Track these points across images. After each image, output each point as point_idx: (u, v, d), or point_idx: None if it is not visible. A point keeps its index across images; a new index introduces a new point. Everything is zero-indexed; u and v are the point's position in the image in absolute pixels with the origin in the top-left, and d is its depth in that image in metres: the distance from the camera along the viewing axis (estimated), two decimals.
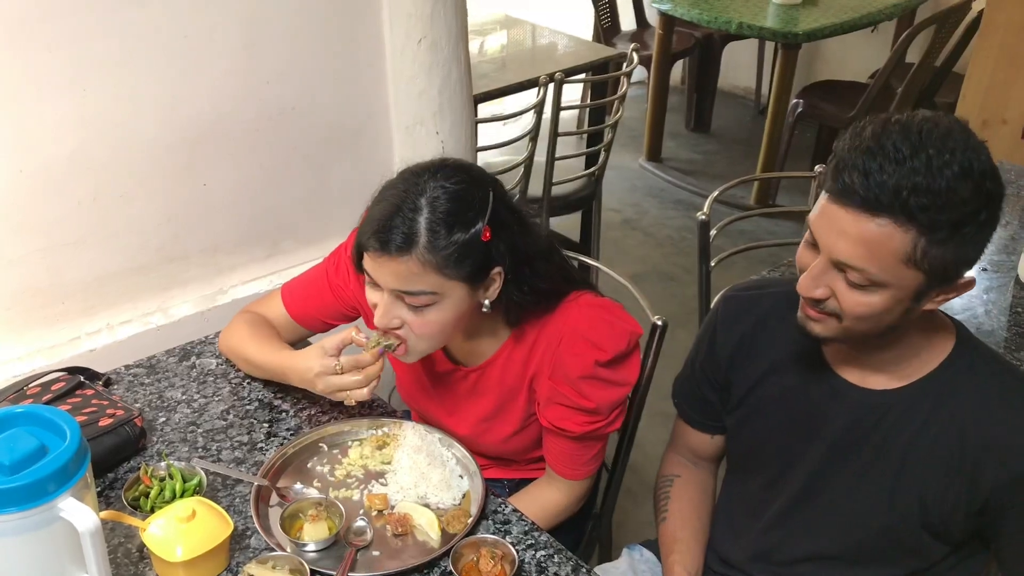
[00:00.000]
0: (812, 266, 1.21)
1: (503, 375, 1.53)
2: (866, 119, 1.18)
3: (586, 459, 1.55)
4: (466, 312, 1.40)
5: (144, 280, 1.90)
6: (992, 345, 1.79)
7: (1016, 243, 2.14)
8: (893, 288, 1.17)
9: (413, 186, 1.33)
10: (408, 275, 1.32)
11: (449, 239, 1.31)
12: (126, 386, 1.66)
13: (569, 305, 1.48)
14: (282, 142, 1.96)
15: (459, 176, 1.36)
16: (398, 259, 1.31)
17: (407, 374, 1.65)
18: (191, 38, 1.76)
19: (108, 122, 1.72)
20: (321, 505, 1.38)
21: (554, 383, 1.47)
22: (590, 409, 1.47)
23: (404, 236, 1.30)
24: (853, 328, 1.23)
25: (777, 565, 1.47)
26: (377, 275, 1.35)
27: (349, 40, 1.97)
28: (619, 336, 1.46)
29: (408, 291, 1.34)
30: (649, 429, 2.13)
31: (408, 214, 1.31)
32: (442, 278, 1.33)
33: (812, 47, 5.02)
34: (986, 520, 1.28)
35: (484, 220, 1.34)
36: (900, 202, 1.10)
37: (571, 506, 1.60)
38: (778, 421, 1.43)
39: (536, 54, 3.76)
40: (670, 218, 4.42)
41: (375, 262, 1.34)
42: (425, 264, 1.31)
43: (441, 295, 1.35)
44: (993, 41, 3.14)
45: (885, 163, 1.11)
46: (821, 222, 1.19)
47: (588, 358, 1.44)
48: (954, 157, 1.10)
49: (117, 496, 1.40)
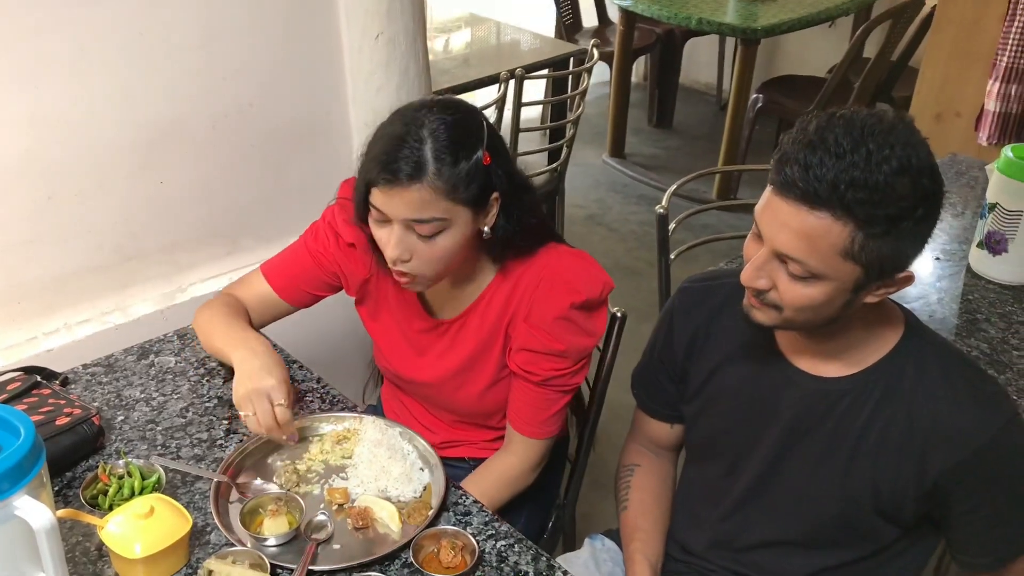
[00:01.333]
0: (755, 257, 1.24)
1: (482, 321, 1.56)
2: (814, 113, 1.20)
3: (547, 415, 1.58)
4: (469, 240, 1.44)
5: (102, 279, 1.89)
6: (944, 332, 1.83)
7: (968, 233, 2.18)
8: (832, 281, 1.19)
9: (413, 120, 1.38)
10: (420, 203, 1.36)
11: (456, 165, 1.36)
12: (84, 385, 1.65)
13: (548, 251, 1.54)
14: (240, 139, 1.96)
15: (454, 108, 1.42)
16: (409, 188, 1.35)
17: (384, 336, 1.67)
18: (146, 35, 1.75)
19: (62, 121, 1.70)
20: (281, 500, 1.38)
21: (529, 326, 1.51)
22: (560, 351, 1.51)
23: (414, 165, 1.34)
24: (794, 319, 1.25)
25: (736, 551, 1.49)
26: (388, 208, 1.38)
27: (306, 37, 1.97)
28: (595, 282, 1.52)
29: (419, 219, 1.37)
30: (612, 422, 2.16)
31: (414, 144, 1.35)
32: (451, 203, 1.37)
33: (771, 42, 5.08)
34: (935, 503, 1.31)
35: (483, 146, 1.40)
36: (838, 196, 1.12)
37: (526, 472, 1.62)
38: (734, 410, 1.45)
39: (498, 51, 3.77)
40: (633, 213, 4.45)
41: (386, 195, 1.37)
42: (436, 190, 1.35)
43: (450, 221, 1.39)
44: (946, 36, 3.19)
45: (825, 157, 1.13)
46: (765, 214, 1.21)
47: (564, 300, 1.49)
48: (893, 152, 1.12)
49: (75, 495, 1.39)
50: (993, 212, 1.96)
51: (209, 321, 1.63)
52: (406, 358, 1.66)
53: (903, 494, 1.31)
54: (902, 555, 1.41)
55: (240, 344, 1.53)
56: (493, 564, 1.33)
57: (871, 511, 1.34)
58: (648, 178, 4.73)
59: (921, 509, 1.32)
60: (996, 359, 1.76)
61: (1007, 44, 2.96)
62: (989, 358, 1.76)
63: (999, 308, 1.92)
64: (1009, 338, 1.82)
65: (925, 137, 1.17)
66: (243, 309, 1.65)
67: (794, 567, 1.44)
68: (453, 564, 1.31)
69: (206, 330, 1.64)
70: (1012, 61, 2.96)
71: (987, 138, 3.08)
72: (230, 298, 1.66)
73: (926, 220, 1.16)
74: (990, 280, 2.01)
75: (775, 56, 5.38)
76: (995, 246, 1.98)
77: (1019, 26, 2.92)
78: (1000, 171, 1.93)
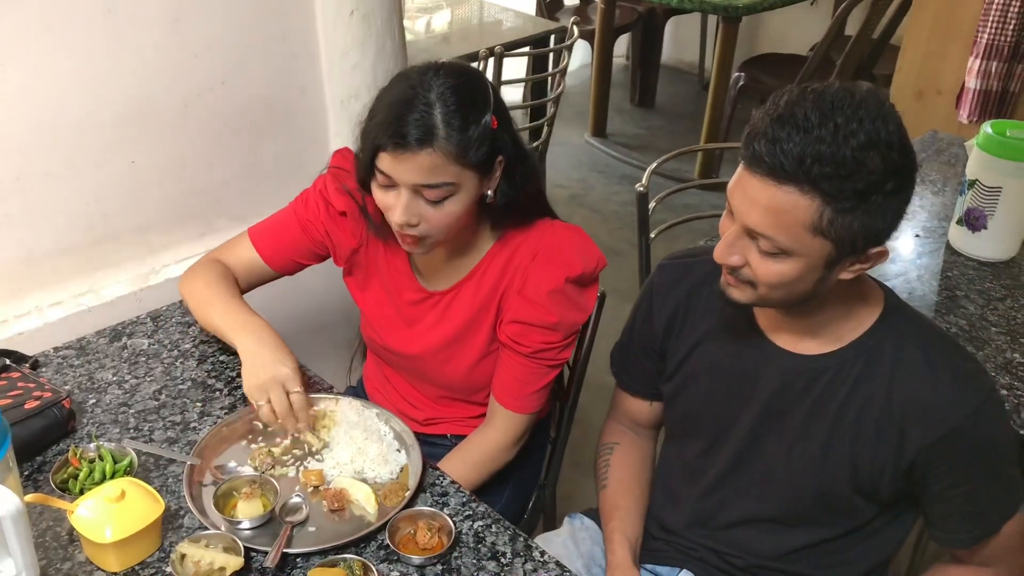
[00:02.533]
0: (727, 233, 1.23)
1: (476, 293, 1.56)
2: (787, 88, 1.19)
3: (531, 390, 1.57)
4: (473, 204, 1.44)
5: (74, 261, 1.85)
6: (923, 309, 1.83)
7: (948, 210, 2.18)
8: (802, 256, 1.18)
9: (419, 84, 1.36)
10: (431, 168, 1.35)
11: (466, 130, 1.35)
12: (55, 368, 1.62)
13: (544, 224, 1.54)
14: (212, 118, 1.92)
15: (459, 72, 1.40)
16: (420, 152, 1.33)
17: (373, 307, 1.66)
18: (114, 12, 1.71)
19: (28, 100, 1.66)
20: (255, 483, 1.36)
21: (522, 298, 1.51)
22: (552, 324, 1.51)
23: (424, 129, 1.33)
24: (768, 296, 1.25)
25: (715, 529, 1.49)
26: (397, 172, 1.36)
27: (279, 12, 1.93)
28: (590, 256, 1.53)
29: (429, 184, 1.36)
30: (594, 401, 2.15)
31: (423, 108, 1.33)
32: (460, 168, 1.36)
33: (753, 20, 5.05)
34: (913, 480, 1.31)
35: (491, 110, 1.39)
36: (804, 170, 1.11)
37: (506, 446, 1.61)
38: (713, 387, 1.44)
39: (478, 29, 3.74)
40: (616, 193, 4.43)
41: (395, 159, 1.35)
42: (446, 155, 1.34)
43: (458, 185, 1.38)
44: (927, 13, 3.18)
45: (792, 132, 1.12)
46: (735, 190, 1.20)
47: (560, 273, 1.49)
48: (861, 127, 1.11)
49: (45, 479, 1.37)
50: (972, 189, 1.95)
51: (204, 293, 1.59)
52: (395, 329, 1.65)
53: (881, 471, 1.30)
54: (880, 532, 1.41)
55: (245, 330, 1.50)
56: (470, 545, 1.32)
57: (849, 489, 1.34)
58: (630, 158, 4.71)
59: (899, 486, 1.32)
60: (975, 335, 1.76)
61: (988, 21, 2.95)
62: (968, 334, 1.76)
63: (978, 285, 1.92)
64: (988, 315, 1.82)
65: (903, 113, 1.16)
66: (233, 278, 1.63)
67: (773, 544, 1.44)
68: (430, 545, 1.30)
69: (201, 301, 1.59)
70: (992, 38, 2.95)
71: (968, 115, 3.08)
72: (219, 265, 1.63)
73: (897, 194, 1.15)
74: (969, 257, 2.01)
75: (757, 34, 5.36)
76: (974, 223, 1.97)
77: (999, 3, 2.91)
78: (979, 147, 1.93)
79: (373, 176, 1.41)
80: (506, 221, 1.53)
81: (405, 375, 1.73)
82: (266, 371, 1.43)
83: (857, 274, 1.23)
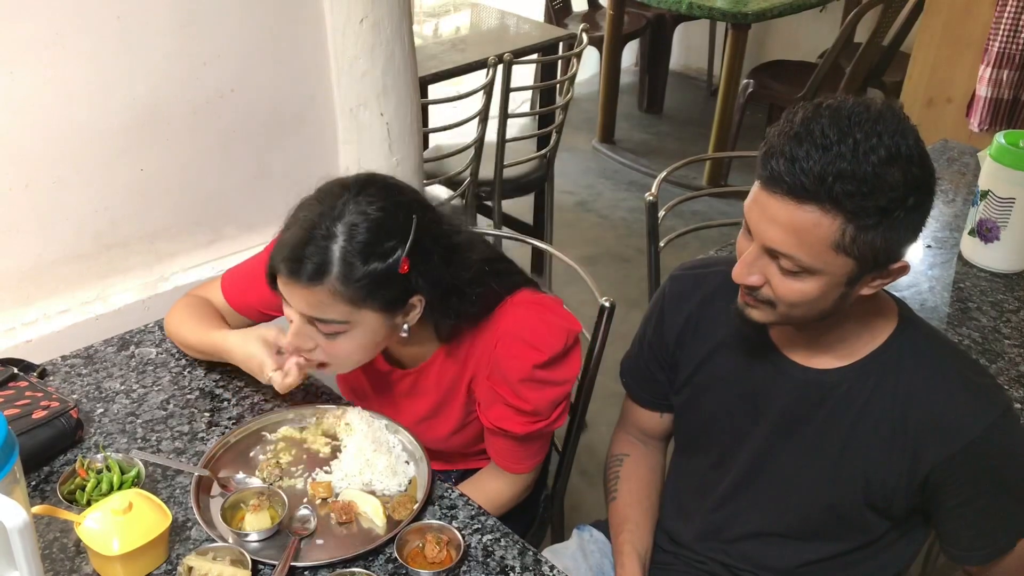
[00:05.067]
0: (746, 253, 1.22)
1: (439, 379, 1.52)
2: (800, 104, 1.18)
3: (530, 453, 1.55)
4: (384, 337, 1.38)
5: (82, 268, 1.85)
6: (935, 321, 1.82)
7: (959, 220, 2.16)
8: (825, 275, 1.17)
9: (330, 209, 1.29)
10: (318, 304, 1.30)
11: (364, 269, 1.27)
12: (63, 377, 1.62)
13: (505, 306, 1.45)
14: (222, 125, 1.92)
15: (381, 200, 1.30)
16: (309, 288, 1.28)
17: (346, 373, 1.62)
18: (124, 18, 1.71)
19: (37, 106, 1.66)
20: (263, 494, 1.35)
21: (492, 384, 1.45)
22: (529, 411, 1.46)
23: (315, 266, 1.26)
24: (789, 314, 1.23)
25: (725, 543, 1.48)
26: (289, 298, 1.33)
27: (289, 20, 1.93)
28: (556, 335, 1.43)
29: (319, 319, 1.32)
30: (602, 410, 2.14)
31: (321, 242, 1.26)
32: (353, 308, 1.30)
33: (762, 27, 5.04)
34: (927, 496, 1.29)
35: (404, 250, 1.29)
36: (825, 188, 1.10)
37: (517, 496, 1.59)
38: (725, 400, 1.43)
39: (487, 36, 3.73)
40: (623, 200, 4.42)
41: (286, 287, 1.32)
42: (335, 295, 1.28)
43: (352, 324, 1.32)
44: (937, 20, 3.17)
45: (811, 149, 1.10)
46: (753, 209, 1.19)
47: (526, 360, 1.41)
48: (881, 142, 1.09)
49: (52, 490, 1.36)
50: (985, 199, 1.94)
51: (186, 320, 1.60)
52: (369, 397, 1.62)
53: (894, 487, 1.29)
54: (891, 547, 1.40)
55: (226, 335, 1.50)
56: (479, 559, 1.31)
57: (861, 504, 1.33)
58: (638, 164, 4.70)
59: (912, 502, 1.31)
60: (987, 348, 1.75)
61: (999, 29, 2.94)
62: (980, 347, 1.75)
63: (990, 296, 1.91)
64: (1000, 327, 1.81)
65: (915, 124, 1.15)
66: (211, 306, 1.62)
67: (783, 559, 1.43)
68: (438, 559, 1.29)
69: (186, 330, 1.60)
70: (1004, 46, 2.94)
71: (978, 124, 3.06)
72: (197, 299, 1.63)
73: (918, 209, 1.14)
74: (982, 268, 2.00)
75: (766, 41, 5.34)
76: (987, 234, 1.96)
77: (1011, 11, 2.89)
78: (993, 158, 1.91)
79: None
80: (448, 333, 1.45)
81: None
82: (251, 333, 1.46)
83: (877, 289, 1.22)
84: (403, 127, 2.13)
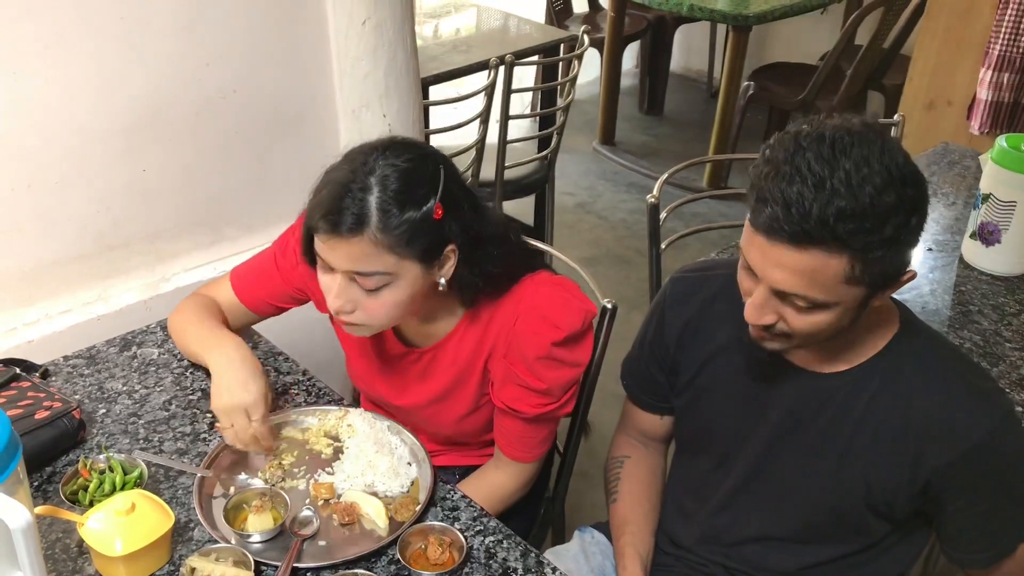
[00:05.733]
0: (755, 295, 1.20)
1: (456, 355, 1.51)
2: (775, 136, 1.15)
3: (537, 441, 1.55)
4: (421, 291, 1.38)
5: (83, 268, 1.85)
6: (936, 324, 1.82)
7: (960, 223, 2.17)
8: (839, 305, 1.16)
9: (361, 165, 1.30)
10: (362, 256, 1.30)
11: (401, 217, 1.28)
12: (65, 377, 1.62)
13: (525, 283, 1.47)
14: (224, 126, 1.92)
15: (409, 153, 1.33)
16: (350, 240, 1.28)
17: (358, 356, 1.63)
18: (127, 19, 1.71)
19: (40, 107, 1.66)
20: (265, 495, 1.35)
21: (509, 363, 1.46)
22: (542, 390, 1.46)
23: (355, 216, 1.27)
24: (807, 342, 1.24)
25: (726, 546, 1.48)
26: (329, 257, 1.32)
27: (291, 21, 1.93)
28: (575, 314, 1.45)
29: (362, 272, 1.31)
30: (603, 411, 2.14)
31: (358, 194, 1.28)
32: (396, 257, 1.30)
33: (763, 29, 5.05)
34: (928, 499, 1.29)
35: (436, 197, 1.31)
36: (828, 231, 1.08)
37: (519, 489, 1.59)
38: (725, 403, 1.43)
39: (488, 37, 3.73)
40: (623, 201, 4.42)
41: (326, 244, 1.31)
42: (378, 244, 1.28)
43: (395, 275, 1.32)
44: (938, 23, 3.17)
45: (803, 189, 1.07)
46: (754, 253, 1.17)
47: (544, 337, 1.43)
48: (872, 168, 1.08)
49: (55, 490, 1.37)
50: (987, 203, 1.94)
51: (182, 323, 1.60)
52: (379, 381, 1.62)
53: (896, 491, 1.29)
54: (892, 550, 1.40)
55: (215, 347, 1.48)
56: (481, 560, 1.31)
57: (863, 507, 1.33)
58: (638, 166, 4.70)
59: (914, 505, 1.31)
60: (989, 351, 1.75)
61: (1000, 32, 2.94)
62: (982, 350, 1.75)
63: (992, 300, 1.91)
64: (1002, 330, 1.81)
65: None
66: (217, 308, 1.61)
67: (784, 562, 1.43)
68: (441, 561, 1.29)
69: (180, 331, 1.61)
70: (1005, 49, 2.94)
71: (979, 127, 3.07)
72: (203, 298, 1.63)
73: (920, 225, 1.14)
74: (983, 271, 2.00)
75: (766, 43, 5.35)
76: (988, 237, 1.96)
77: (1012, 14, 2.90)
78: (994, 161, 1.92)
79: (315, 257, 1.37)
80: (474, 299, 1.46)
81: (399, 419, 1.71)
82: (230, 396, 1.41)
83: (886, 299, 1.22)
84: (405, 128, 2.13)
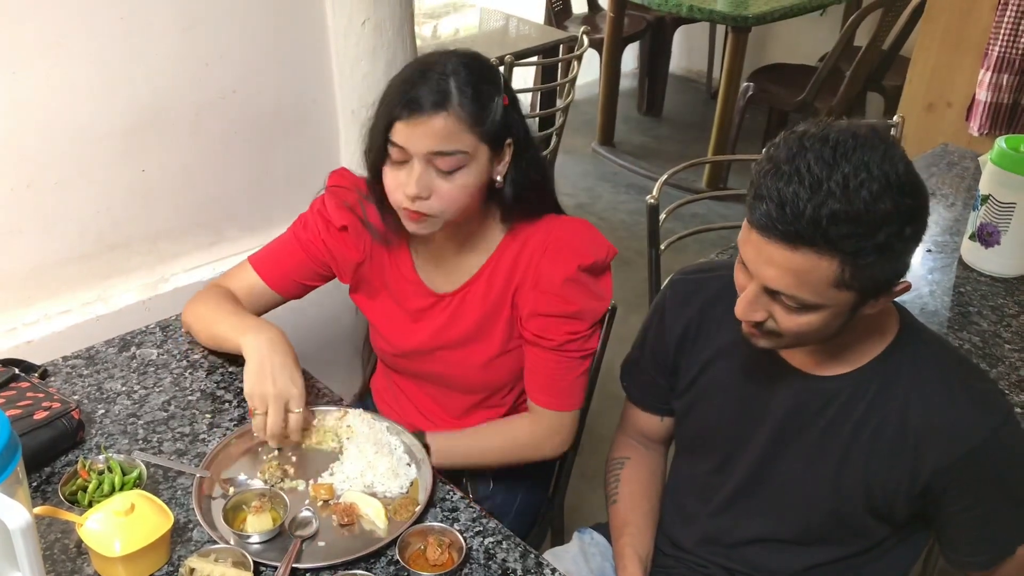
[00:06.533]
0: (746, 292, 1.21)
1: (488, 291, 1.55)
2: (782, 135, 1.16)
3: (566, 383, 1.57)
4: (483, 185, 1.45)
5: (83, 269, 1.85)
6: (935, 325, 1.82)
7: (960, 224, 2.17)
8: (828, 308, 1.16)
9: (435, 59, 1.40)
10: (445, 133, 1.36)
11: (479, 98, 1.38)
12: (64, 378, 1.62)
13: (551, 219, 1.55)
14: (224, 127, 1.92)
15: (472, 55, 1.44)
16: (433, 117, 1.35)
17: (384, 318, 1.65)
18: (127, 19, 1.71)
19: (40, 107, 1.67)
20: (265, 496, 1.35)
21: (538, 292, 1.51)
22: (572, 313, 1.51)
23: (437, 94, 1.36)
24: (796, 342, 1.25)
25: (726, 548, 1.48)
26: (411, 141, 1.37)
27: (291, 22, 1.93)
28: (599, 246, 1.53)
29: (443, 151, 1.37)
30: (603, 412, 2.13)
31: (437, 77, 1.37)
32: (474, 137, 1.38)
33: (762, 30, 5.05)
34: (928, 501, 1.29)
35: (502, 91, 1.43)
36: (820, 233, 1.08)
37: (540, 439, 1.60)
38: (726, 405, 1.43)
39: (487, 38, 3.73)
40: (623, 202, 4.42)
41: (409, 127, 1.37)
42: (460, 120, 1.37)
43: (471, 156, 1.39)
44: (937, 25, 3.17)
45: (800, 189, 1.08)
46: (748, 250, 1.17)
47: (571, 263, 1.50)
48: (870, 174, 1.07)
49: (54, 491, 1.36)
50: (986, 204, 1.94)
51: (207, 309, 1.60)
52: (407, 334, 1.64)
53: (895, 493, 1.29)
54: (892, 551, 1.40)
55: (251, 331, 1.48)
56: (481, 561, 1.31)
57: (863, 509, 1.33)
58: (637, 167, 4.70)
59: (913, 508, 1.31)
60: (988, 352, 1.75)
61: (999, 33, 2.94)
62: (981, 351, 1.75)
63: (991, 301, 1.91)
64: (1001, 331, 1.81)
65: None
66: (236, 299, 1.62)
67: (785, 564, 1.43)
68: (440, 562, 1.29)
69: (205, 318, 1.60)
70: (1004, 50, 2.94)
71: (978, 128, 3.07)
72: (223, 289, 1.63)
73: (915, 236, 1.14)
74: (982, 272, 2.00)
75: (766, 44, 5.35)
76: (988, 238, 1.96)
77: (1011, 15, 2.90)
78: (993, 163, 1.92)
79: (385, 156, 1.41)
80: (514, 212, 1.53)
81: (422, 386, 1.72)
82: (275, 384, 1.40)
83: (880, 307, 1.22)
84: None
